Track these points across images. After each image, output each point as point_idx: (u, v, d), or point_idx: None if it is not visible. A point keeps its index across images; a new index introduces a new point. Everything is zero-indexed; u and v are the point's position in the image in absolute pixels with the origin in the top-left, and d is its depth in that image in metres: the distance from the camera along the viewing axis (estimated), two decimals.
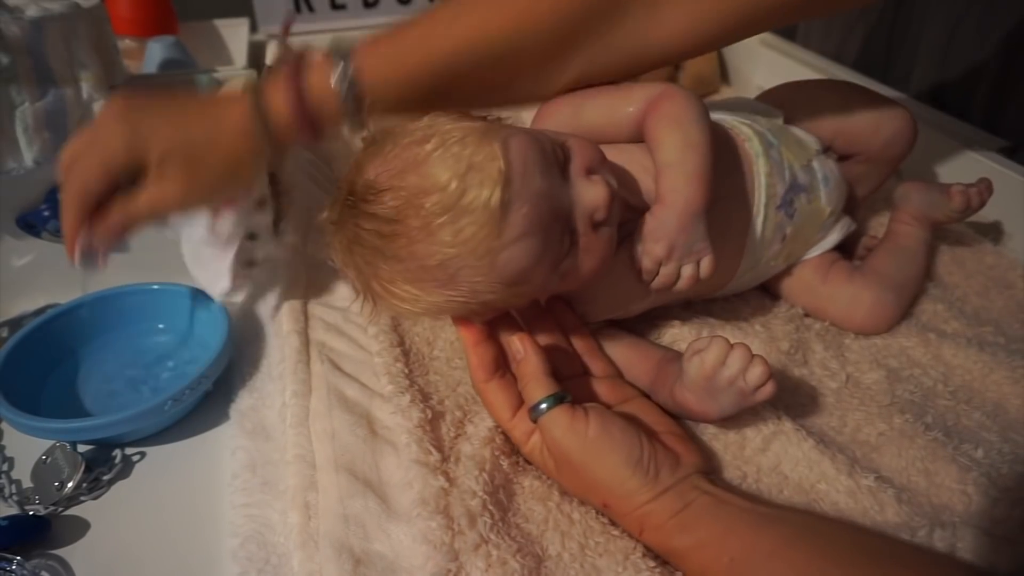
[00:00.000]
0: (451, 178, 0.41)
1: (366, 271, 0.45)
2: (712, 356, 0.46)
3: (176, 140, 0.48)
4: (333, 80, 0.48)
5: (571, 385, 0.48)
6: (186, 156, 0.48)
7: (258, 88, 0.49)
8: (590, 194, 0.45)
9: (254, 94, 0.49)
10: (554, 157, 0.45)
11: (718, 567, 0.39)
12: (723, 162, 0.52)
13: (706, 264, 0.50)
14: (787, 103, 0.64)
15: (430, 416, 0.50)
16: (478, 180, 0.41)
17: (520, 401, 0.47)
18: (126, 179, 0.48)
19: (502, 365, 0.48)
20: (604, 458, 0.42)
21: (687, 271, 0.50)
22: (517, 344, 0.47)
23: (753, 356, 0.46)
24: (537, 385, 0.45)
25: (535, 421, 0.45)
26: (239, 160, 0.50)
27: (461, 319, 0.48)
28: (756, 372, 0.45)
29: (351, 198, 0.44)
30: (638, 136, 0.52)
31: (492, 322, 0.49)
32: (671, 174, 0.49)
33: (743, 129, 0.59)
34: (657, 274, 0.50)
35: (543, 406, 0.44)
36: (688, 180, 0.48)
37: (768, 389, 0.46)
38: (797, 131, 0.62)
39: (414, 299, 0.45)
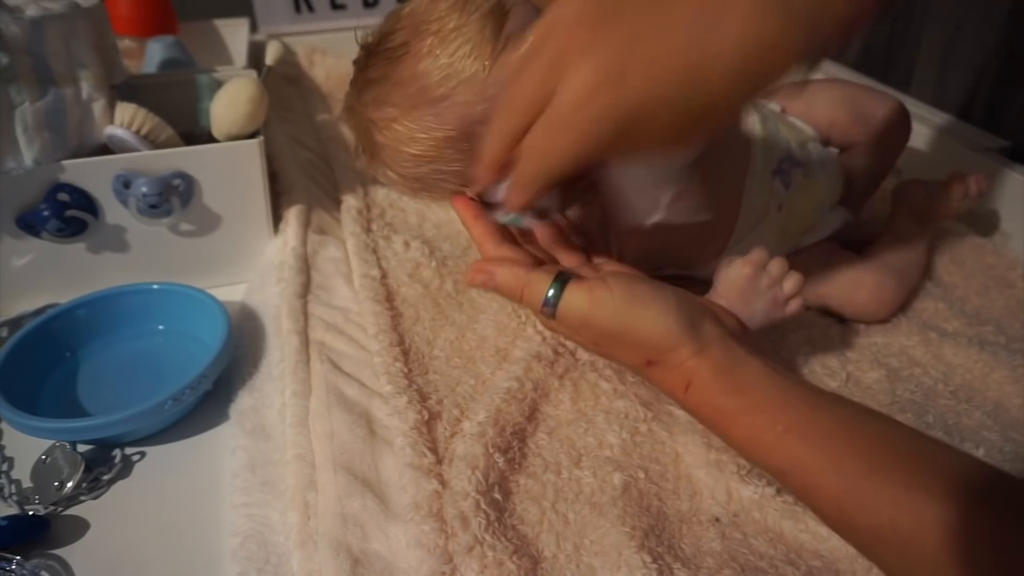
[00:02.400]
0: (455, 7, 0.45)
1: (369, 113, 0.47)
2: (755, 257, 0.48)
3: (681, 82, 0.34)
4: None
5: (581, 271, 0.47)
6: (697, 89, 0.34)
7: None
8: None
9: None
10: None
11: (770, 435, 0.37)
12: None
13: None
14: (784, 98, 0.66)
15: (427, 417, 0.50)
16: (477, 7, 0.45)
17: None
18: None
19: (508, 235, 0.48)
20: (640, 314, 0.41)
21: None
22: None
23: (789, 268, 0.48)
24: (535, 282, 0.43)
25: (553, 316, 0.43)
26: (766, 69, 0.34)
27: (458, 196, 0.48)
28: (792, 281, 0.48)
29: (366, 48, 0.48)
30: None
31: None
32: None
33: None
34: None
35: (551, 295, 0.42)
36: None
37: (798, 302, 0.48)
38: (793, 119, 0.64)
39: (410, 138, 0.46)
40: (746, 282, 0.48)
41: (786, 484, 0.38)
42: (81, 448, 0.52)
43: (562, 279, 0.43)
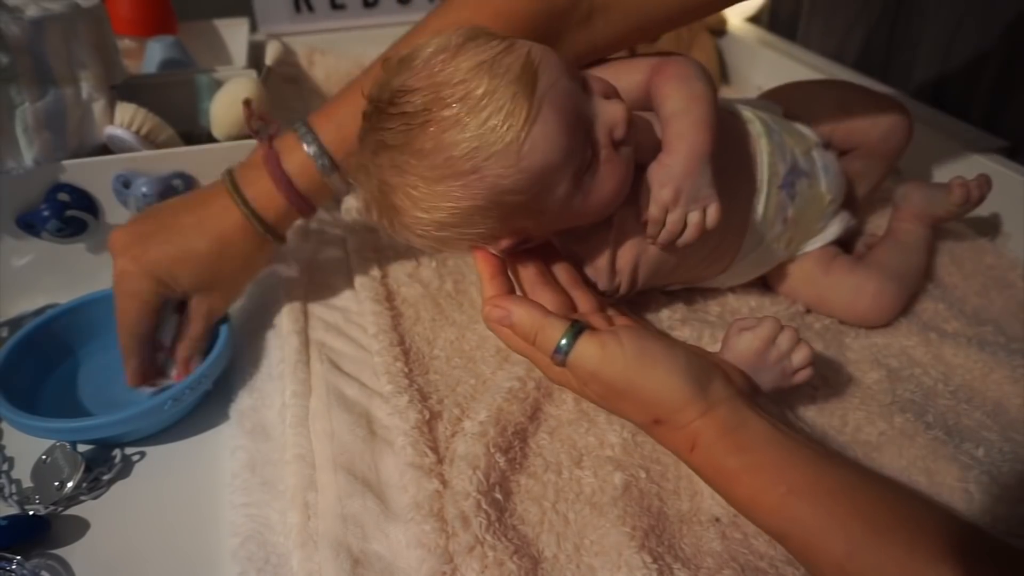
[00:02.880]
0: (479, 70, 0.42)
1: (387, 177, 0.45)
2: (765, 332, 0.47)
3: (194, 271, 0.53)
4: (311, 155, 0.52)
5: (592, 320, 0.47)
6: (210, 278, 0.54)
7: (239, 189, 0.53)
8: (610, 109, 0.46)
9: (240, 199, 0.53)
10: (576, 73, 0.46)
11: (772, 496, 0.37)
12: (726, 136, 0.53)
13: (712, 212, 0.50)
14: (785, 100, 0.66)
15: (427, 417, 0.50)
16: (505, 69, 0.42)
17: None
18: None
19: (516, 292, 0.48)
20: (650, 373, 0.41)
21: (693, 218, 0.50)
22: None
23: (799, 340, 0.48)
24: (549, 327, 0.43)
25: (563, 364, 0.43)
26: (253, 255, 0.55)
27: (479, 249, 0.48)
28: (801, 355, 0.48)
29: (377, 107, 0.45)
30: (646, 105, 0.53)
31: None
32: (676, 121, 0.50)
33: (745, 112, 0.60)
34: (664, 225, 0.50)
35: (564, 343, 0.42)
36: (693, 126, 0.49)
37: (807, 373, 0.48)
38: (796, 124, 0.63)
39: (434, 207, 0.44)
40: (755, 356, 0.47)
41: (787, 546, 0.38)
42: (81, 448, 0.52)
43: (576, 328, 0.43)
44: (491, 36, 0.44)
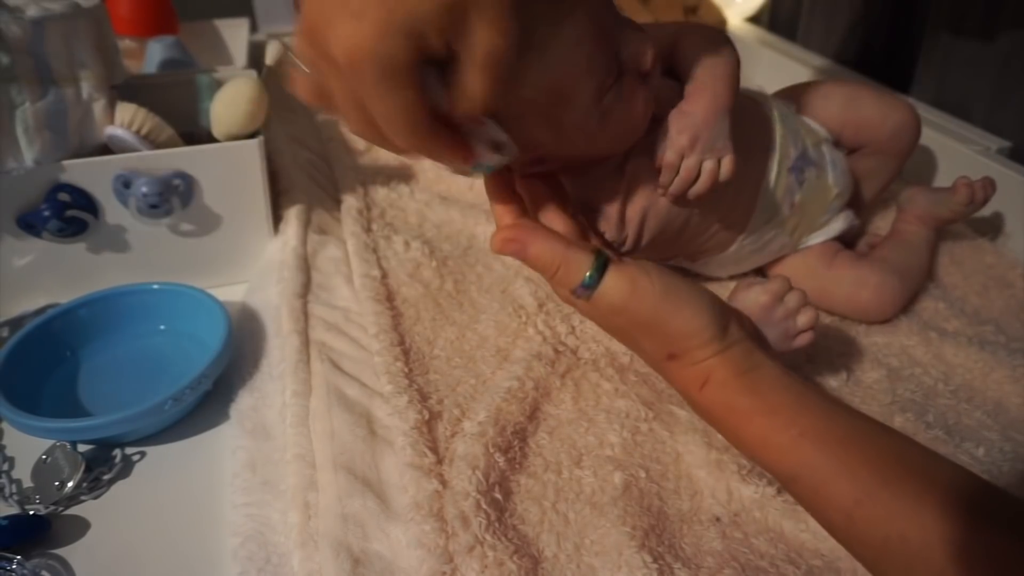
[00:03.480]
0: None
1: None
2: (774, 286, 0.48)
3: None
4: None
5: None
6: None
7: None
8: (639, 38, 0.45)
9: None
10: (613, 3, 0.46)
11: (784, 438, 0.37)
12: (743, 113, 0.53)
13: (727, 163, 0.51)
14: (796, 97, 0.66)
15: (427, 417, 0.50)
16: None
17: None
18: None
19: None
20: (677, 308, 0.40)
21: (708, 166, 0.51)
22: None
23: (807, 302, 0.48)
24: (573, 260, 0.40)
25: (588, 299, 0.41)
26: None
27: (492, 178, 0.45)
28: (806, 317, 0.48)
29: None
30: (669, 70, 0.53)
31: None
32: (700, 73, 0.51)
33: (762, 97, 0.61)
34: (678, 172, 0.51)
35: (589, 277, 0.40)
36: (716, 79, 0.50)
37: (808, 336, 0.48)
38: (807, 120, 0.64)
39: None
40: (761, 310, 0.47)
41: (794, 489, 0.38)
42: (81, 448, 0.52)
43: (601, 261, 0.41)
44: None
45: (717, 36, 0.53)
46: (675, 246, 0.61)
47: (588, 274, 0.40)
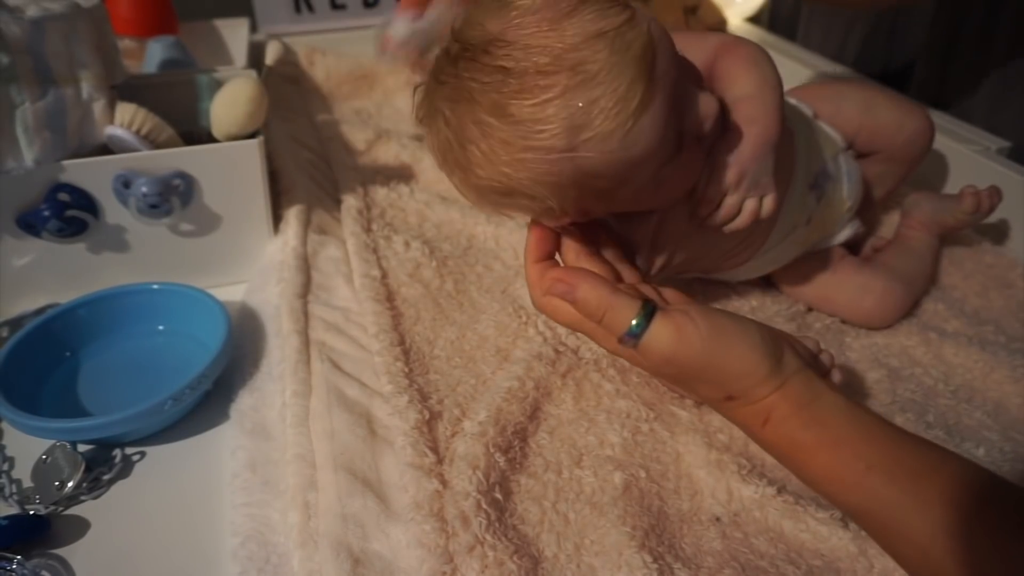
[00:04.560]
0: (599, 40, 0.38)
1: (466, 132, 0.41)
2: (808, 345, 0.46)
3: None
4: None
5: (641, 289, 0.45)
6: None
7: None
8: (705, 102, 0.44)
9: None
10: (679, 55, 0.44)
11: (852, 471, 0.36)
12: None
13: (768, 202, 0.50)
14: (814, 99, 0.65)
15: (427, 417, 0.50)
16: (627, 46, 0.38)
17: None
18: None
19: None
20: (727, 351, 0.39)
21: (750, 205, 0.49)
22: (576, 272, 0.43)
23: (835, 363, 0.46)
24: (620, 307, 0.40)
25: (635, 347, 0.40)
26: None
27: (535, 223, 0.45)
28: (836, 378, 0.46)
29: (467, 51, 0.40)
30: (707, 85, 0.52)
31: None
32: (748, 105, 0.48)
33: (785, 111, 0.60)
34: (718, 207, 0.49)
35: (635, 325, 0.40)
36: (765, 111, 0.48)
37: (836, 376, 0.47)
38: (824, 126, 0.63)
39: (509, 175, 0.40)
40: None
41: (864, 524, 0.37)
42: (81, 448, 0.52)
43: (648, 310, 0.40)
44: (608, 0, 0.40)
45: (762, 56, 0.50)
46: (694, 266, 0.60)
47: (635, 322, 0.40)
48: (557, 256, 0.47)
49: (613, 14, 0.39)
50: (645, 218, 0.51)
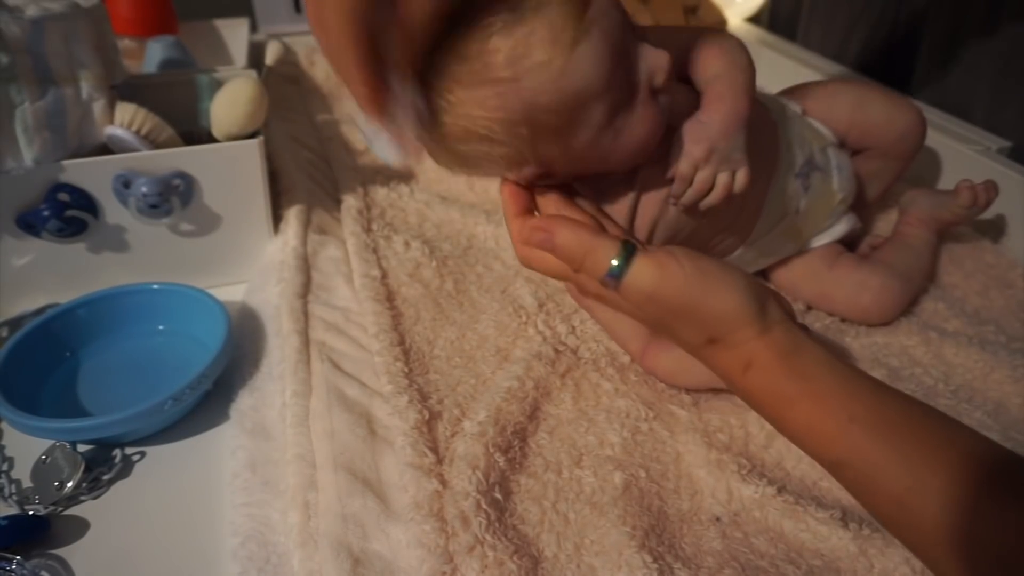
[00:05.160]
0: None
1: (428, 78, 0.43)
2: None
3: None
4: None
5: None
6: None
7: None
8: (654, 55, 0.45)
9: None
10: (627, 11, 0.45)
11: (832, 424, 0.36)
12: (753, 118, 0.53)
13: (741, 176, 0.50)
14: (804, 98, 0.66)
15: (427, 416, 0.50)
16: None
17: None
18: None
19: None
20: (711, 290, 0.39)
21: (722, 179, 0.50)
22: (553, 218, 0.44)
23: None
24: (600, 248, 0.40)
25: (616, 288, 0.40)
26: None
27: (507, 182, 0.47)
28: None
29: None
30: (684, 76, 0.53)
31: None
32: (717, 83, 0.50)
33: (769, 101, 0.61)
34: (691, 183, 0.50)
35: (616, 264, 0.40)
36: (733, 90, 0.50)
37: None
38: (814, 122, 0.64)
39: (466, 114, 0.42)
40: None
41: (841, 475, 0.37)
42: (81, 448, 0.52)
43: (629, 249, 0.40)
44: None
45: (734, 44, 0.52)
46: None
47: (615, 262, 0.40)
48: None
49: None
50: (622, 194, 0.52)
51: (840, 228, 0.63)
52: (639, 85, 0.45)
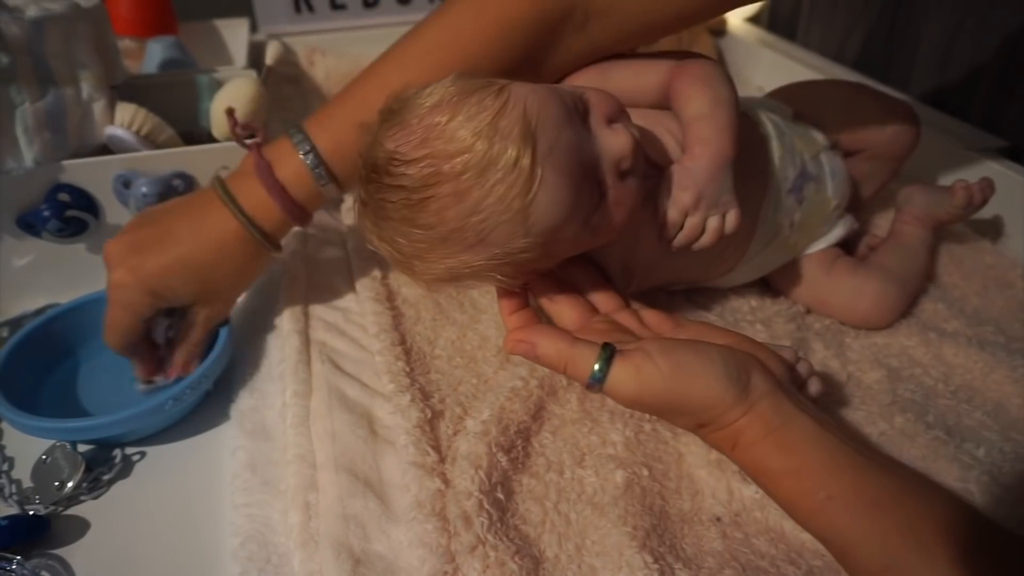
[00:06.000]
0: (476, 140, 0.40)
1: (398, 243, 0.44)
2: (785, 355, 0.46)
3: (192, 282, 0.53)
4: (307, 164, 0.52)
5: (618, 318, 0.48)
6: (208, 288, 0.54)
7: (234, 197, 0.53)
8: (614, 142, 0.44)
9: (237, 208, 0.52)
10: (575, 109, 0.44)
11: (811, 501, 0.37)
12: (740, 140, 0.53)
13: (732, 218, 0.50)
14: (795, 100, 0.65)
15: (429, 416, 0.50)
16: (503, 138, 0.40)
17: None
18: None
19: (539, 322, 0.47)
20: (689, 386, 0.40)
21: (712, 223, 0.50)
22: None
23: (814, 372, 0.47)
24: (579, 356, 0.42)
25: (601, 391, 0.42)
26: (250, 264, 0.55)
27: (501, 289, 0.47)
28: (816, 386, 0.47)
29: (374, 174, 0.43)
30: (663, 103, 0.53)
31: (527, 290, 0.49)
32: (701, 125, 0.49)
33: (758, 115, 0.60)
34: (682, 227, 0.50)
35: (597, 370, 0.41)
36: (718, 131, 0.49)
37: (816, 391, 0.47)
38: (805, 127, 0.63)
39: (445, 267, 0.44)
40: None
41: (828, 549, 0.38)
42: (81, 448, 0.52)
43: (607, 354, 0.41)
44: (484, 87, 0.42)
45: (712, 73, 0.51)
46: (678, 279, 0.61)
47: (596, 367, 0.41)
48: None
49: (488, 103, 0.41)
50: (614, 244, 0.52)
51: (837, 232, 0.63)
52: (606, 183, 0.45)
